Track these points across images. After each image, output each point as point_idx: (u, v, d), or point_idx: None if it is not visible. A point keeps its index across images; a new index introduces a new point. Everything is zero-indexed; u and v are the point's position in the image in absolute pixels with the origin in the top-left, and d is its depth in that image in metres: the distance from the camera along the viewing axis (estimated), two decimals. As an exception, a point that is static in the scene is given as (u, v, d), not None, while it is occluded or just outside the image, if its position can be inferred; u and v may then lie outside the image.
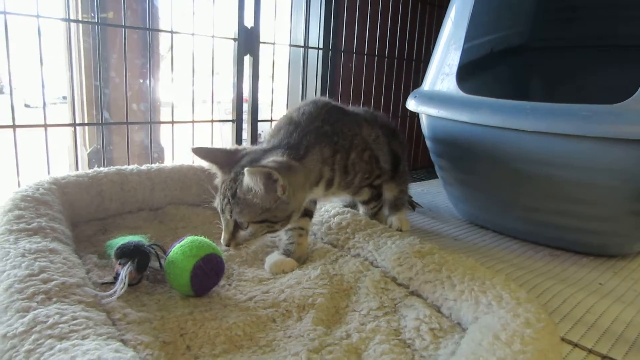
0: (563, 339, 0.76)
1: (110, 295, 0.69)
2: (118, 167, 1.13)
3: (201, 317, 0.70)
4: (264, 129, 1.65)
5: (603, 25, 1.67)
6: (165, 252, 0.83)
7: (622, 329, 0.80)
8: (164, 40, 1.56)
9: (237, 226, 0.78)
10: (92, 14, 1.45)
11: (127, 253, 0.78)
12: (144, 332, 0.63)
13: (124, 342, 0.60)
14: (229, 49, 1.46)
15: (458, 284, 0.71)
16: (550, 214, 1.15)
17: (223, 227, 0.80)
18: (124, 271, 0.74)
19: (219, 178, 0.83)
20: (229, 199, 0.77)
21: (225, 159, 0.83)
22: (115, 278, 0.75)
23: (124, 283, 0.72)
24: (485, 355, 0.52)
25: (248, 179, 0.73)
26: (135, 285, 0.78)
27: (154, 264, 0.83)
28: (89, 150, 1.61)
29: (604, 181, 1.03)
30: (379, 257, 0.87)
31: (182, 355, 0.62)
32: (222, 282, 0.83)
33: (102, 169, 1.09)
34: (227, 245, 0.79)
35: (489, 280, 0.70)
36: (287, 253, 0.93)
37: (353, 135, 0.95)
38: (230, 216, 0.78)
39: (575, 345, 0.74)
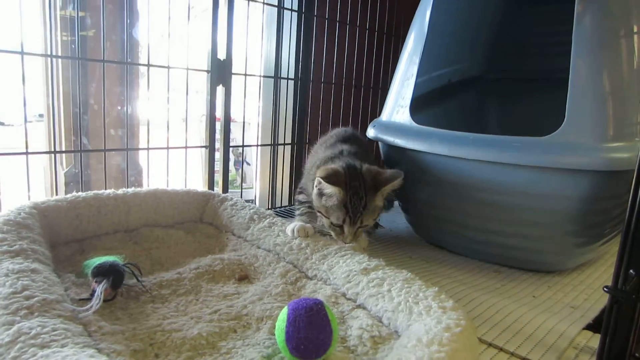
0: (491, 344, 0.86)
1: (87, 310, 0.77)
2: (95, 191, 1.20)
3: (169, 329, 0.78)
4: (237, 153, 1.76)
5: (542, 61, 1.84)
6: (140, 271, 0.94)
7: (544, 335, 0.91)
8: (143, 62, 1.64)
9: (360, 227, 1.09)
10: (72, 37, 1.51)
11: (103, 272, 0.86)
12: (116, 341, 0.72)
13: (99, 350, 0.67)
14: (204, 75, 1.56)
15: (396, 297, 0.82)
16: (494, 234, 1.27)
17: (347, 231, 1.08)
18: (100, 288, 0.82)
19: (340, 195, 1.06)
20: (361, 211, 1.07)
21: (345, 180, 1.08)
22: (92, 295, 0.82)
23: (100, 299, 0.80)
24: (407, 356, 0.62)
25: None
26: (110, 301, 0.86)
27: (127, 281, 0.92)
28: (65, 170, 1.67)
29: (539, 205, 1.15)
30: (331, 276, 0.96)
31: (151, 361, 0.71)
32: (191, 297, 0.92)
33: (80, 193, 1.17)
34: (351, 242, 1.09)
35: (423, 293, 0.81)
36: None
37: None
38: (362, 222, 1.08)
39: (500, 349, 0.85)
